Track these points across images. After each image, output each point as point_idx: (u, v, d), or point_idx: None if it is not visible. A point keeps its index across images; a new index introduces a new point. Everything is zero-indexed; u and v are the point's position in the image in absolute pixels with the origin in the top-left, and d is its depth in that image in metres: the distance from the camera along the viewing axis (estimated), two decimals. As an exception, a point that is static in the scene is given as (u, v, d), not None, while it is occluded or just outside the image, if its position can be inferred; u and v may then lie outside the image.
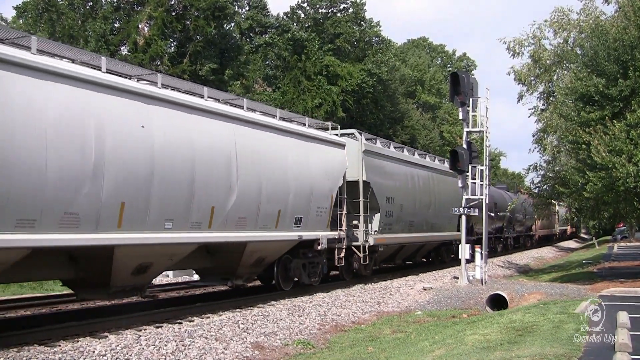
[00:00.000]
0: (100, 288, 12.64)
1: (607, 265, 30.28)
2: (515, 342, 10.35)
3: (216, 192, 14.06)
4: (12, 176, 9.66)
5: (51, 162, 10.30)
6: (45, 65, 10.47)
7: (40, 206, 10.15)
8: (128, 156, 11.76)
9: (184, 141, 13.19)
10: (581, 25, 27.38)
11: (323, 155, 18.70)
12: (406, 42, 77.69)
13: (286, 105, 39.89)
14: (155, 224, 12.48)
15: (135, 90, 12.28)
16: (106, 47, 33.40)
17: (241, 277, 16.56)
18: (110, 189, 11.38)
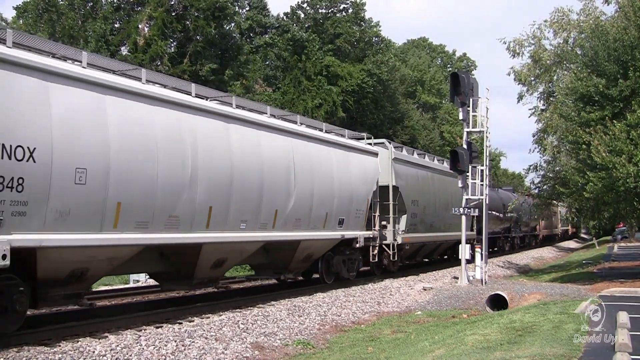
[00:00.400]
0: (184, 280, 14.79)
1: (607, 266, 30.28)
2: (515, 343, 10.36)
3: (279, 197, 16.40)
4: (135, 186, 11.96)
5: (161, 174, 12.57)
6: (154, 94, 12.79)
7: (152, 210, 12.43)
8: (214, 168, 14.04)
9: (255, 154, 15.55)
10: (581, 25, 27.38)
11: (360, 163, 20.96)
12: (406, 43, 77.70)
13: (286, 105, 39.88)
14: (233, 224, 14.83)
15: (219, 111, 14.67)
16: (106, 48, 33.40)
17: (292, 272, 18.87)
18: (202, 196, 13.64)
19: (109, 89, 11.71)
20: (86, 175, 11.06)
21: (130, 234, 12.05)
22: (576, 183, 21.63)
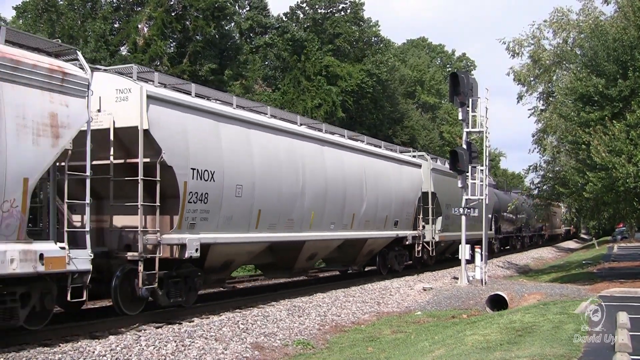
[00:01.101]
0: (285, 270, 19.25)
1: (607, 266, 30.30)
2: (515, 343, 10.36)
3: (356, 203, 20.60)
4: (269, 197, 16.02)
5: (284, 187, 16.66)
6: (279, 126, 17.10)
7: (278, 215, 16.54)
8: (315, 181, 18.15)
9: (339, 169, 19.68)
10: (581, 25, 27.39)
11: (409, 174, 24.99)
12: (405, 43, 77.66)
13: (286, 105, 39.86)
14: (326, 226, 19.00)
15: (317, 137, 18.99)
16: (106, 48, 33.38)
17: (357, 264, 23.91)
18: (307, 203, 17.79)
19: (252, 124, 15.85)
20: (242, 190, 15.06)
21: (265, 233, 16.15)
22: (576, 183, 21.65)
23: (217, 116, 14.56)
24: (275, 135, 16.61)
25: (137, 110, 12.59)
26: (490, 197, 29.76)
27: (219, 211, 14.27)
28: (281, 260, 18.39)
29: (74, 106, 11.03)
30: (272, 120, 16.97)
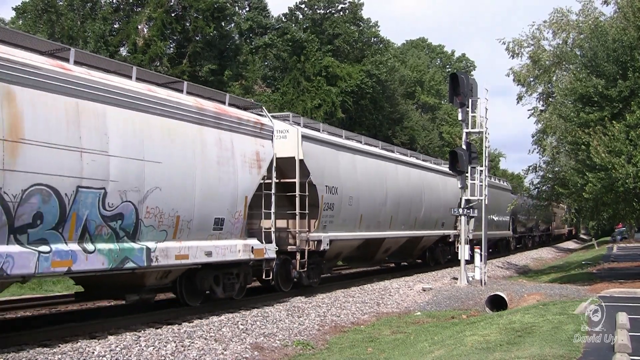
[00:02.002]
0: (365, 262, 25.57)
1: (606, 266, 30.30)
2: (514, 343, 10.36)
3: (417, 209, 25.86)
4: (367, 205, 21.40)
5: (376, 197, 22.13)
6: (371, 151, 22.72)
7: (371, 218, 21.91)
8: (393, 192, 23.41)
9: (407, 182, 25.11)
10: (580, 26, 27.39)
11: (450, 183, 28.53)
12: (405, 43, 77.65)
13: (285, 106, 39.84)
14: (399, 226, 24.36)
15: (393, 157, 24.50)
16: (105, 48, 33.39)
17: (413, 258, 29.25)
18: (388, 209, 23.16)
19: (356, 151, 21.45)
20: (352, 200, 20.34)
21: (364, 232, 21.48)
22: (575, 184, 21.63)
23: (337, 146, 20.10)
24: (369, 159, 22.17)
25: (295, 146, 17.71)
26: (509, 200, 35.99)
27: (339, 216, 19.60)
28: (366, 253, 23.48)
29: (267, 146, 16.19)
30: (366, 146, 22.52)
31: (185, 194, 13.16)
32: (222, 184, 14.28)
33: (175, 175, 12.86)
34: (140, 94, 12.28)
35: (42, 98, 10.35)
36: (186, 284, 14.58)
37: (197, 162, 13.52)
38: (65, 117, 10.68)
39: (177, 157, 12.93)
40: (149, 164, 12.20)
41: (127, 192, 11.76)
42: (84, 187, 10.87)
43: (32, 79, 10.23)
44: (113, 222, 11.54)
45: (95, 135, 11.19)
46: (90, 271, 11.22)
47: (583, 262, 34.93)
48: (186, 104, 13.38)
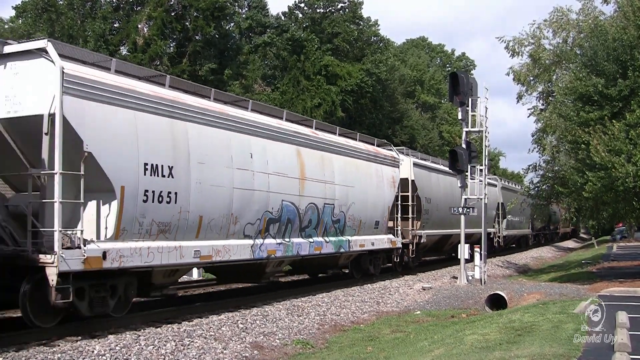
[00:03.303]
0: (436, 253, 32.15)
1: (606, 265, 30.29)
2: (514, 342, 10.36)
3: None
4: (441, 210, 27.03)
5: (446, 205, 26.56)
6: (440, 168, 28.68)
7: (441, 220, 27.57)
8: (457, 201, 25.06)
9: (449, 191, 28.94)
10: (580, 25, 27.36)
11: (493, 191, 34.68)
12: (405, 42, 77.69)
13: (285, 105, 39.85)
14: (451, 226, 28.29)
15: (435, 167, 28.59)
16: (105, 47, 33.38)
17: (445, 252, 32.31)
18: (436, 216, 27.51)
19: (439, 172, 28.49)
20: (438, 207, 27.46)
21: (440, 230, 28.06)
22: (575, 183, 21.60)
23: (429, 169, 27.58)
24: (444, 176, 28.42)
25: (408, 170, 25.01)
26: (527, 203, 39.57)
27: (430, 218, 26.62)
28: (438, 246, 29.87)
29: (396, 172, 23.77)
30: (441, 166, 28.67)
31: (364, 206, 20.94)
32: (378, 198, 22.04)
33: (360, 194, 20.64)
34: (348, 146, 20.67)
35: (310, 152, 18.20)
36: (354, 264, 22.20)
37: (368, 185, 21.39)
38: (321, 163, 18.75)
39: (360, 182, 20.82)
40: (350, 188, 20.13)
41: (342, 206, 19.61)
42: (326, 204, 18.76)
43: (304, 141, 18.08)
44: (336, 224, 19.36)
45: (332, 172, 19.23)
46: (328, 254, 19.31)
47: (583, 261, 34.91)
48: (365, 149, 21.91)
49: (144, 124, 12.30)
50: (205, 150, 13.81)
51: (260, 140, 15.82)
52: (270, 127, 16.37)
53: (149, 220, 12.30)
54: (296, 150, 17.35)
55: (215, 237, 14.16)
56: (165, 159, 12.70)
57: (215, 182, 14.06)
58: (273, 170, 16.12)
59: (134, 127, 12.06)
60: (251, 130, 15.51)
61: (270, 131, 16.29)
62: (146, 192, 12.17)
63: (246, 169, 15.10)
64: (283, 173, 16.57)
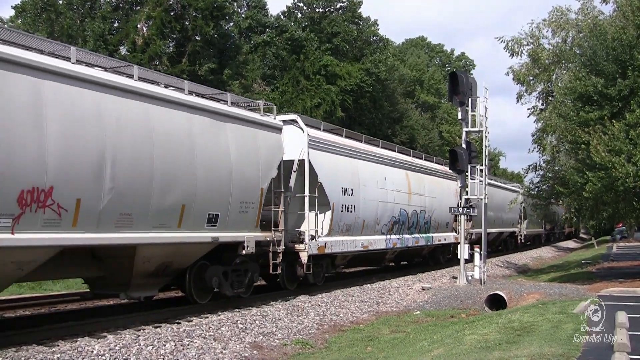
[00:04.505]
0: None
1: (606, 265, 30.29)
2: (513, 342, 10.35)
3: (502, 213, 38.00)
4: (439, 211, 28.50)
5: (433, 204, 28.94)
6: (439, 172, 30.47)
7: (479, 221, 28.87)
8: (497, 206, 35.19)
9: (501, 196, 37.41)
10: (580, 24, 27.33)
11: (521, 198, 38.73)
12: (404, 42, 77.67)
13: (285, 105, 39.83)
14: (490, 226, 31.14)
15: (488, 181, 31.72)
16: (105, 47, 33.35)
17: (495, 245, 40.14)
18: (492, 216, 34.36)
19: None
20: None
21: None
22: (575, 183, 21.60)
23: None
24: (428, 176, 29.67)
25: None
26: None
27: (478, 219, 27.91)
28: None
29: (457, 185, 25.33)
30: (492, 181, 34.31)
31: (440, 211, 26.96)
32: (449, 205, 26.09)
33: (439, 203, 26.93)
34: (433, 168, 28.11)
35: (412, 174, 25.40)
36: (430, 254, 28.86)
37: (444, 196, 27.78)
38: (418, 181, 25.71)
39: (439, 194, 27.35)
40: (434, 199, 26.77)
41: (429, 212, 26.27)
42: (421, 210, 25.47)
43: (409, 166, 25.61)
44: (425, 225, 25.97)
45: (424, 187, 26.12)
46: (421, 246, 26.22)
47: (582, 261, 34.90)
48: (442, 170, 28.18)
49: (342, 163, 19.84)
50: (366, 177, 21.13)
51: (388, 168, 23.15)
52: (392, 158, 23.95)
53: (342, 223, 19.41)
54: (405, 173, 24.72)
55: (369, 234, 21.28)
56: (349, 184, 19.97)
57: (370, 198, 21.24)
58: (395, 188, 23.27)
59: (337, 165, 19.51)
60: (385, 162, 23.16)
61: (392, 161, 23.84)
62: (342, 205, 19.39)
63: (383, 188, 22.30)
64: (399, 189, 23.66)
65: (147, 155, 12.29)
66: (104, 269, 12.85)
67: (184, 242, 13.37)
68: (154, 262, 13.08)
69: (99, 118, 11.35)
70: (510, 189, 42.32)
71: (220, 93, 15.74)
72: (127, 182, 11.82)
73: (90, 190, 11.10)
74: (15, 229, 9.89)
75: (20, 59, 10.15)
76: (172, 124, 13.07)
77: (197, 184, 13.52)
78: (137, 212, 12.14)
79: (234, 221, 14.76)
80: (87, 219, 11.06)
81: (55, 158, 10.46)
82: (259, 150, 15.74)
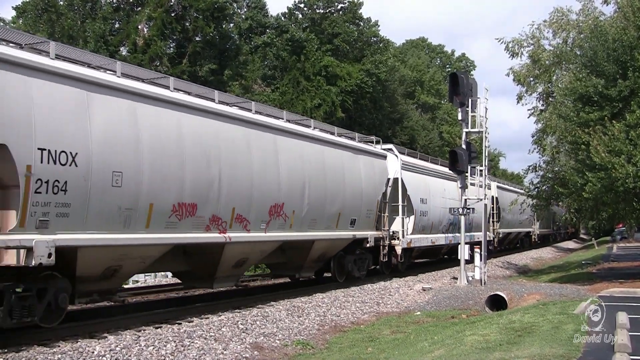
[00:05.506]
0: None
1: (606, 266, 30.30)
2: (514, 343, 10.36)
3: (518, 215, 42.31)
4: None
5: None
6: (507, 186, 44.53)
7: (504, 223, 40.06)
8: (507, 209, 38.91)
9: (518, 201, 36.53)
10: (580, 25, 27.36)
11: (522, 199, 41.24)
12: (405, 43, 77.65)
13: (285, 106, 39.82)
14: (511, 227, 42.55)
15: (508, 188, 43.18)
16: (105, 48, 33.37)
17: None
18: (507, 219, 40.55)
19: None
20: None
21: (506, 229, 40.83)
22: (575, 183, 21.61)
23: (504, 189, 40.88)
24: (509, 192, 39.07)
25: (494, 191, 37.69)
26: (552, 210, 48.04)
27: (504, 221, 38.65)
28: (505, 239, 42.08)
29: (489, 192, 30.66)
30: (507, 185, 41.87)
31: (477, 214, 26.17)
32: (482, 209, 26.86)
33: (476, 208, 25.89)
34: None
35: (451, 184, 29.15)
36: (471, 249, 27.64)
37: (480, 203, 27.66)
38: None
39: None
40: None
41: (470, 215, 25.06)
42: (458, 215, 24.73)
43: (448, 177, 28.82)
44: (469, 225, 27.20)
45: None
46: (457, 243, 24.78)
47: (583, 261, 34.91)
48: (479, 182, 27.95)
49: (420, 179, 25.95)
50: (433, 189, 26.98)
51: (446, 181, 28.65)
52: (448, 173, 27.18)
53: (420, 225, 25.32)
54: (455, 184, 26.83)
55: (434, 233, 27.11)
56: (424, 195, 25.95)
57: (436, 205, 26.80)
58: (450, 197, 28.26)
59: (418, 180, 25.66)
60: (443, 177, 28.46)
61: (448, 176, 27.88)
62: (420, 211, 25.29)
63: (443, 197, 27.87)
64: (453, 197, 28.10)
65: (322, 181, 18.43)
66: (287, 257, 18.79)
67: (338, 237, 19.92)
68: (320, 251, 19.40)
69: (302, 158, 17.48)
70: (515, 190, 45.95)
71: (349, 133, 22.37)
72: (315, 199, 17.96)
73: (299, 204, 17.17)
74: (266, 230, 15.92)
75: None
76: (334, 159, 19.41)
77: (346, 198, 19.83)
78: (319, 218, 18.41)
79: (363, 223, 21.11)
80: (296, 223, 17.21)
81: (284, 184, 16.40)
82: (375, 173, 22.17)
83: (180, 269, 15.42)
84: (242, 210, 14.80)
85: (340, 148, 19.99)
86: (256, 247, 15.93)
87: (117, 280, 12.81)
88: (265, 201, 15.61)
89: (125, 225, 11.73)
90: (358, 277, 21.62)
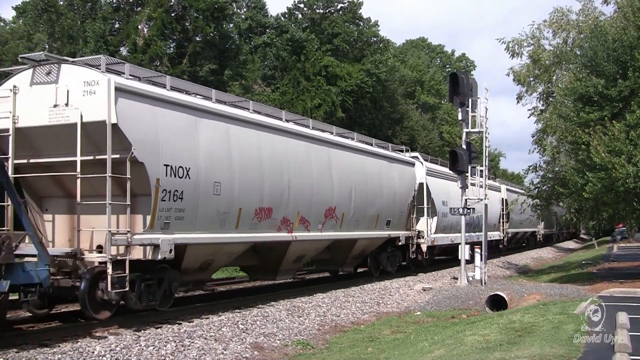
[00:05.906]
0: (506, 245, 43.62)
1: (606, 266, 30.30)
2: (514, 343, 10.36)
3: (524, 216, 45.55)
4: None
5: None
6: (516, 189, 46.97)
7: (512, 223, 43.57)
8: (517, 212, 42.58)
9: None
10: (580, 25, 27.37)
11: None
12: (405, 43, 77.62)
13: (285, 106, 39.79)
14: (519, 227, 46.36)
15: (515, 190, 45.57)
16: (105, 48, 33.33)
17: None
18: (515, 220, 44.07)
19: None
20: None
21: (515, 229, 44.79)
22: (575, 183, 21.61)
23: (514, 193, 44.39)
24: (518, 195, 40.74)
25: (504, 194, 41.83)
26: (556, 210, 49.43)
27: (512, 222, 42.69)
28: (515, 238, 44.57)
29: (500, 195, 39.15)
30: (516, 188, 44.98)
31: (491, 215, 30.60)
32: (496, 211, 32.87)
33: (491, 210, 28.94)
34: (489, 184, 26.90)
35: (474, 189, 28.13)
36: None
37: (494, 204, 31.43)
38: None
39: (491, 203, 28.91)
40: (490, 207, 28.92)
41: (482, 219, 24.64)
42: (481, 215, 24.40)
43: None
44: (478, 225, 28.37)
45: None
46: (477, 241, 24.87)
47: (583, 262, 34.92)
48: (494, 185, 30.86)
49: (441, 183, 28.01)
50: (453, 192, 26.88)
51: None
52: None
53: (442, 225, 27.25)
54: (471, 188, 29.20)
55: (453, 232, 28.29)
56: (445, 197, 27.75)
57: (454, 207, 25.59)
58: None
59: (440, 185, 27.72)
60: None
61: None
62: (443, 213, 27.12)
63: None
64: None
65: (364, 186, 21.09)
66: (332, 254, 21.16)
67: (376, 236, 22.76)
68: (360, 249, 22.16)
69: (349, 167, 20.20)
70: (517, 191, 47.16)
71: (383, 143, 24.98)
72: (359, 203, 20.64)
73: (347, 207, 19.89)
74: (322, 230, 18.61)
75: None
76: (373, 167, 22.12)
77: (383, 201, 22.55)
78: (361, 219, 21.06)
79: (396, 224, 23.93)
80: (345, 224, 19.91)
81: (336, 190, 19.13)
82: (406, 179, 24.90)
83: (251, 263, 17.90)
84: (305, 213, 17.52)
85: (378, 157, 22.85)
86: (313, 245, 18.75)
87: (208, 272, 15.45)
88: (322, 205, 18.46)
89: (221, 227, 14.29)
90: (390, 271, 24.55)
